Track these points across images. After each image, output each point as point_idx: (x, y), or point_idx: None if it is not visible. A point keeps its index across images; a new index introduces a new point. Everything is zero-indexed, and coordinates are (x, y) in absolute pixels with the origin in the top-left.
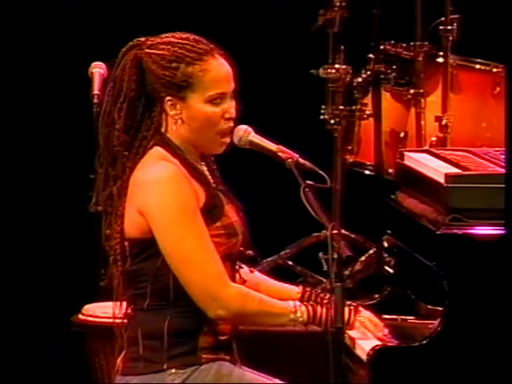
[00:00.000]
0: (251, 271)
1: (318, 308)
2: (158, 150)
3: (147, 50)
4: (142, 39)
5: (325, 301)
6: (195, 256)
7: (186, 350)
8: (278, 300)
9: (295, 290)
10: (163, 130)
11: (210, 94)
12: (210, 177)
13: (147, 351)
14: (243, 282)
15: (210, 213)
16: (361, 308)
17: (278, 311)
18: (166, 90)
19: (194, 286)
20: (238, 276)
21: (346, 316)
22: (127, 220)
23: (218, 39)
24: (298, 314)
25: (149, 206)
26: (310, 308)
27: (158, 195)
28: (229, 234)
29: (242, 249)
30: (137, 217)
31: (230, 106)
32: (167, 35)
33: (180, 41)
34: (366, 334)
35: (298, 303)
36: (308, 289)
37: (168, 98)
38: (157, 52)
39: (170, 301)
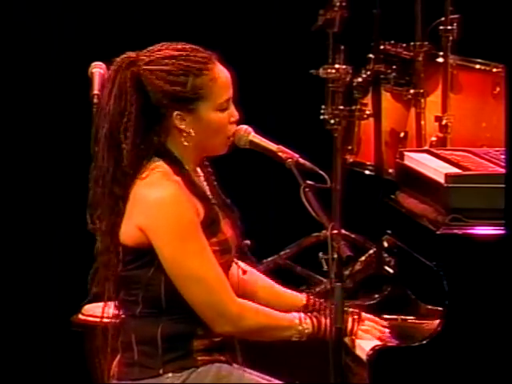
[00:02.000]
0: (244, 272)
1: (322, 319)
2: (159, 166)
3: (147, 67)
4: (133, 54)
5: (328, 311)
6: (202, 274)
7: (181, 354)
8: (281, 309)
9: (299, 297)
10: (168, 144)
11: (221, 102)
12: (207, 188)
13: (142, 357)
14: (243, 272)
15: (208, 228)
16: (363, 314)
17: (285, 324)
18: (175, 104)
19: (201, 304)
20: (237, 270)
21: (350, 326)
22: (124, 229)
23: (219, 39)
24: (304, 326)
25: (152, 226)
26: (315, 320)
27: (161, 216)
28: (223, 251)
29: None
30: (135, 231)
31: (234, 110)
32: (160, 48)
33: (180, 53)
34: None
35: (302, 315)
36: (312, 297)
37: (176, 112)
38: (160, 68)
39: (163, 309)
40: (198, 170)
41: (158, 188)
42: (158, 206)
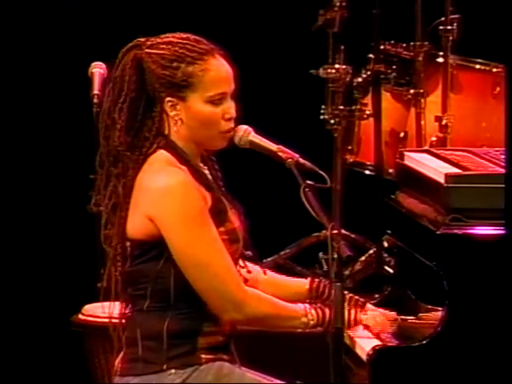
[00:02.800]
0: (264, 273)
1: (327, 310)
2: (163, 154)
3: (147, 50)
4: (142, 39)
5: (326, 305)
6: (210, 261)
7: (186, 350)
8: (286, 299)
9: (303, 282)
10: (166, 131)
11: (210, 95)
12: (212, 181)
13: (146, 352)
14: (245, 280)
15: (215, 217)
16: (369, 305)
17: (290, 314)
18: (167, 89)
19: (209, 291)
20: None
21: (353, 315)
22: (131, 222)
23: (219, 39)
24: (309, 317)
25: (161, 214)
26: (320, 311)
27: (170, 203)
28: (231, 240)
29: (245, 241)
30: (144, 221)
31: (230, 107)
32: (167, 35)
33: (180, 40)
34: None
35: (307, 306)
36: (316, 280)
37: (168, 98)
38: (157, 52)
39: (171, 303)
40: (201, 164)
41: (164, 175)
42: (166, 194)
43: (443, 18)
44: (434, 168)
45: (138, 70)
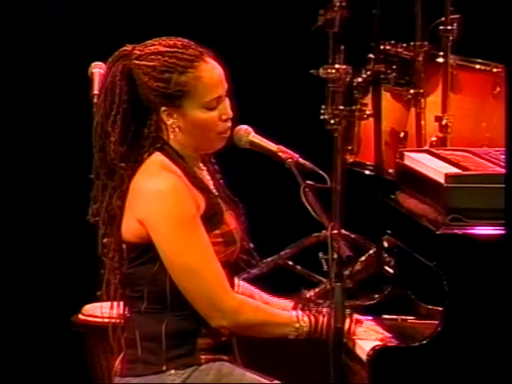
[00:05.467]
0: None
1: (320, 317)
2: (158, 157)
3: (136, 62)
4: (129, 48)
5: (319, 314)
6: (198, 267)
7: (185, 351)
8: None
9: (287, 304)
10: (165, 137)
11: (207, 100)
12: (211, 182)
13: (145, 353)
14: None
15: (209, 220)
16: (359, 317)
17: (282, 321)
18: (161, 100)
19: (197, 297)
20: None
21: (347, 326)
22: (125, 225)
23: (218, 39)
24: (302, 324)
25: (150, 217)
26: (313, 318)
27: (160, 207)
28: (227, 242)
29: (243, 242)
30: (135, 225)
31: (226, 107)
32: (153, 43)
33: (168, 49)
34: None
35: (300, 313)
36: (300, 305)
37: (163, 108)
38: (147, 63)
39: (168, 305)
40: (201, 165)
41: (157, 179)
42: (157, 197)
43: (443, 18)
44: (434, 168)
45: (128, 80)
